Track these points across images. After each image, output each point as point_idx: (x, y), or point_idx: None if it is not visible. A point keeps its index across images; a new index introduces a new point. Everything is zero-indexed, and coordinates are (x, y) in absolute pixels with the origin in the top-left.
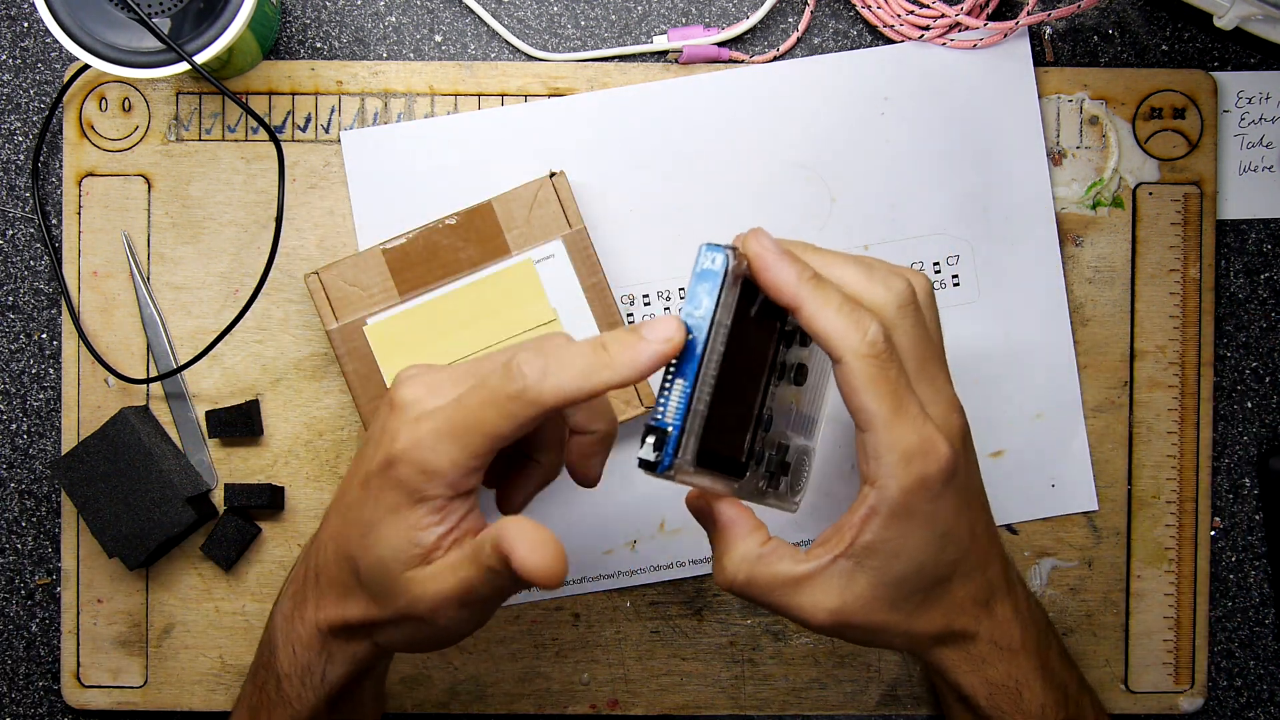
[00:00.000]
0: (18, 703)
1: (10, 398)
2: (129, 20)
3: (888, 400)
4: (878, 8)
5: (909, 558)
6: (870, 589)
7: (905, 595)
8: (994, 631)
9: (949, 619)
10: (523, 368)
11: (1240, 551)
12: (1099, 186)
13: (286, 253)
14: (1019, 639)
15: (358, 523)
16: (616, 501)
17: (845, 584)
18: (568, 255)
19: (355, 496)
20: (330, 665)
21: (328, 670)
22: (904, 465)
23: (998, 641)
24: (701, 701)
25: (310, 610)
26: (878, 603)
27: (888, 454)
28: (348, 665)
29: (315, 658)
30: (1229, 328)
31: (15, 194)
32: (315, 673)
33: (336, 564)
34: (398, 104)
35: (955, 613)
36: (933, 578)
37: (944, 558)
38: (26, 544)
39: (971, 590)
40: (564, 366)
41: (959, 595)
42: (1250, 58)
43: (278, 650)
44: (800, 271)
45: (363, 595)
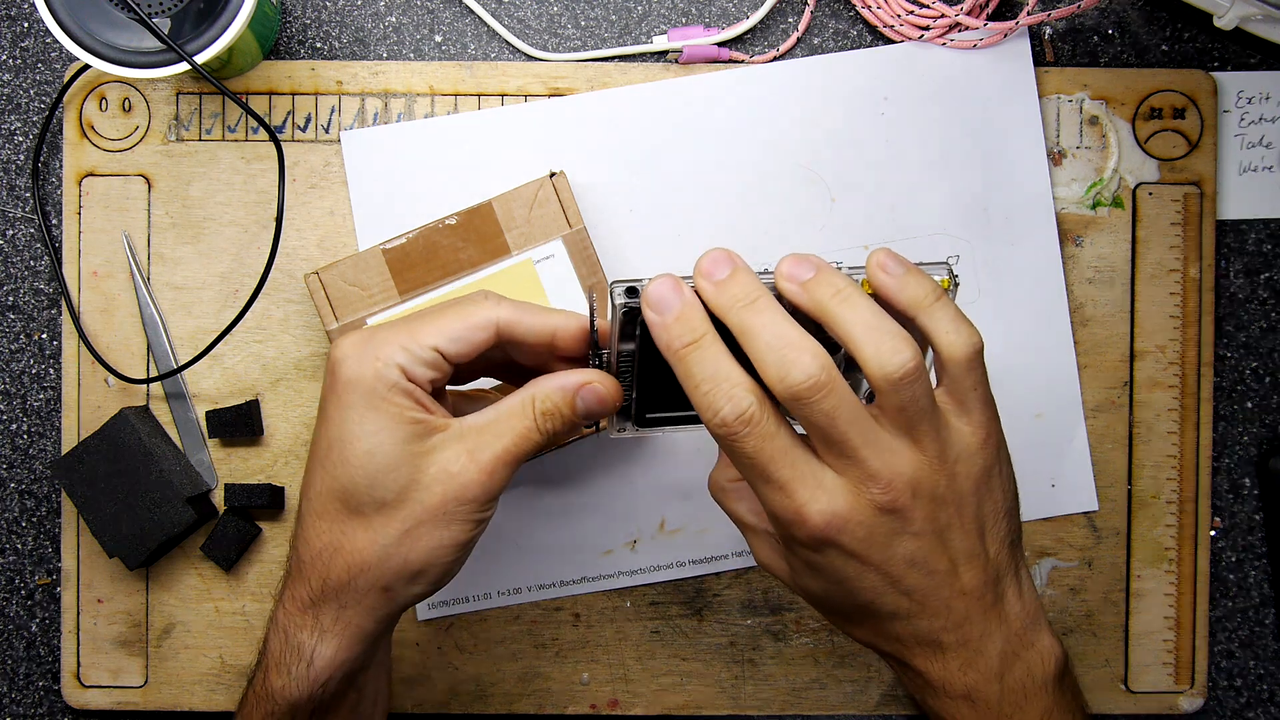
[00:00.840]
0: (18, 703)
1: (10, 398)
2: (129, 20)
3: (746, 471)
4: (878, 8)
5: (804, 582)
6: (790, 573)
7: (818, 601)
8: (930, 671)
9: (874, 639)
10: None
11: (1240, 551)
12: (1099, 186)
13: (286, 253)
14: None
15: (331, 444)
16: (616, 501)
17: (776, 554)
18: (568, 255)
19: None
20: (321, 641)
21: (318, 649)
22: (775, 523)
23: (933, 681)
24: (701, 701)
25: (298, 589)
26: (798, 586)
27: (765, 506)
28: (338, 645)
29: (307, 635)
30: (1229, 328)
31: (15, 194)
32: (305, 654)
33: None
34: (398, 104)
35: (880, 638)
36: (837, 606)
37: (843, 599)
38: (26, 544)
39: (896, 630)
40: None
41: (883, 629)
42: (1250, 58)
43: (268, 641)
44: (672, 340)
45: (365, 523)
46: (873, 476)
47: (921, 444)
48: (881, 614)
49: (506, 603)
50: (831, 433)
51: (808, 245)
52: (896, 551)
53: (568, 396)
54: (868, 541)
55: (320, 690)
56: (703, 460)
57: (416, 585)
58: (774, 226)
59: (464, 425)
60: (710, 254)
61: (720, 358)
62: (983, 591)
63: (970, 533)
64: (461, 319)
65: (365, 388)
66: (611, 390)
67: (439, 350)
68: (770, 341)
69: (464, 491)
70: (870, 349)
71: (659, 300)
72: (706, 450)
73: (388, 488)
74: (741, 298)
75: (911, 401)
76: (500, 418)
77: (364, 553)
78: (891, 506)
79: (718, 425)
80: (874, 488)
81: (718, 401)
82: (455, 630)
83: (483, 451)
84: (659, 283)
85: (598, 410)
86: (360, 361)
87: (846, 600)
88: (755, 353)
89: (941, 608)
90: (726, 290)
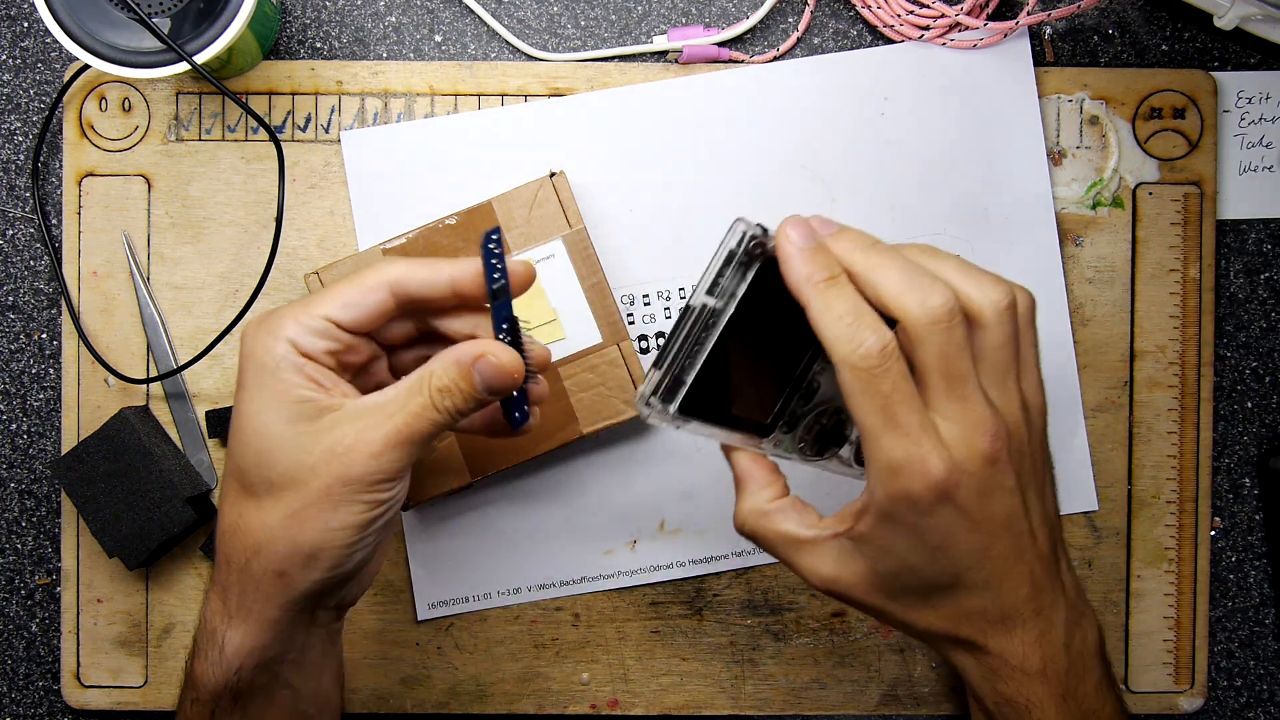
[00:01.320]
0: (18, 703)
1: (10, 398)
2: (129, 20)
3: (875, 413)
4: (878, 8)
5: (898, 558)
6: (866, 573)
7: (900, 589)
8: (1007, 650)
9: (953, 625)
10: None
11: (1240, 551)
12: (1099, 186)
13: (286, 253)
14: (1039, 664)
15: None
16: (616, 501)
17: (843, 560)
18: (568, 255)
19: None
20: (231, 628)
21: (228, 634)
22: (888, 477)
23: (1011, 661)
24: (701, 701)
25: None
26: (872, 587)
27: (873, 463)
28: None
29: (219, 621)
30: (1229, 328)
31: (15, 194)
32: (217, 640)
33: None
34: (398, 104)
35: (960, 620)
36: (927, 583)
37: (939, 568)
38: (26, 544)
39: (982, 605)
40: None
41: (967, 606)
42: (1250, 58)
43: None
44: (813, 272)
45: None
46: (983, 421)
47: (1008, 393)
48: (972, 585)
49: (506, 603)
50: (958, 365)
51: None
52: (997, 509)
53: (464, 369)
54: (977, 495)
55: (235, 677)
56: (703, 459)
57: (313, 571)
58: (774, 226)
59: (359, 404)
60: (814, 217)
61: (858, 296)
62: (1051, 556)
63: (1040, 493)
64: (355, 284)
65: (257, 363)
66: (509, 361)
67: (331, 319)
68: (903, 271)
69: (348, 471)
70: (971, 288)
71: (801, 233)
72: (707, 450)
73: (273, 467)
74: (861, 241)
75: (1005, 342)
76: (395, 396)
77: (255, 534)
78: (995, 456)
79: (862, 357)
80: (984, 435)
81: (862, 332)
82: (455, 630)
83: (372, 431)
84: (796, 218)
85: (497, 382)
86: (255, 337)
87: (939, 573)
88: (888, 285)
89: (1024, 574)
90: (845, 237)
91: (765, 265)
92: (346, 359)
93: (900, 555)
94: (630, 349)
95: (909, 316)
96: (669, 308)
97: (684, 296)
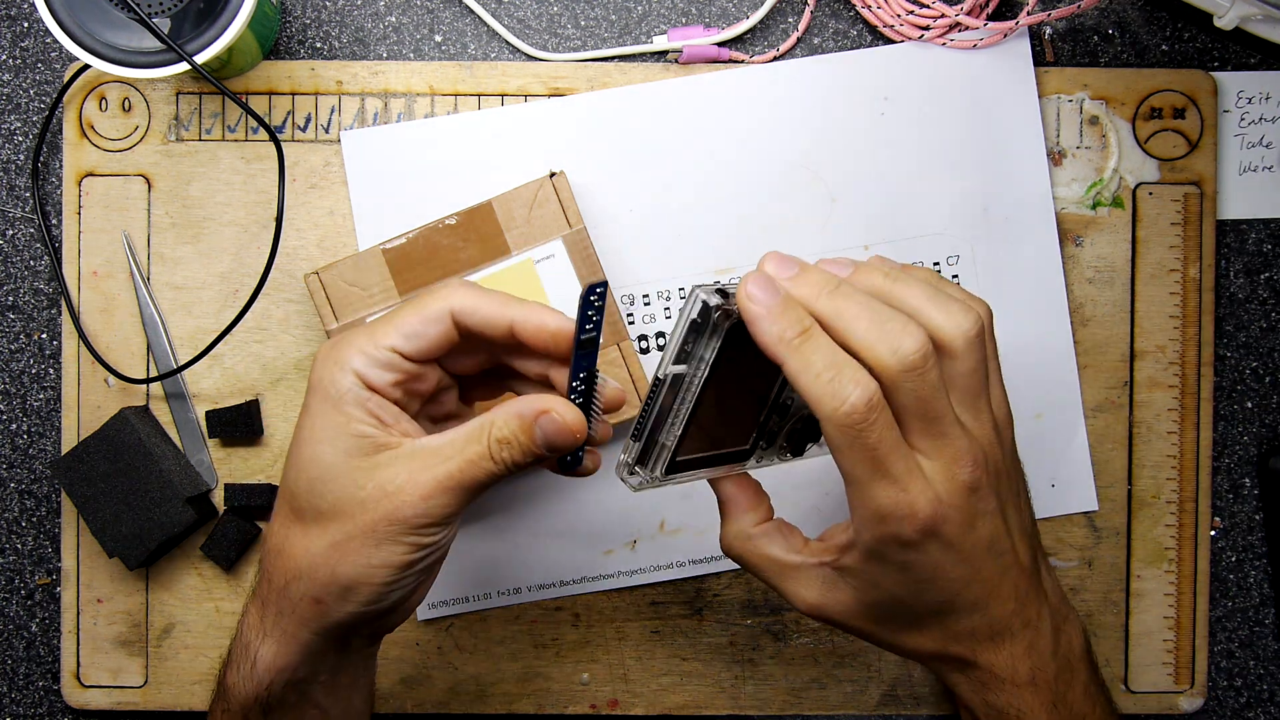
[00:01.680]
0: (18, 703)
1: (10, 398)
2: (129, 20)
3: (863, 465)
4: (878, 8)
5: (886, 591)
6: (852, 601)
7: (887, 618)
8: (996, 663)
9: (942, 644)
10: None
11: (1240, 551)
12: (1099, 186)
13: (286, 253)
14: (1028, 674)
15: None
16: (616, 502)
17: (827, 587)
18: (568, 255)
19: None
20: (265, 643)
21: (260, 650)
22: (875, 523)
23: (1000, 673)
24: (701, 701)
25: (258, 586)
26: (859, 614)
27: (860, 509)
28: (279, 649)
29: (254, 635)
30: (1229, 328)
31: (15, 194)
32: (250, 653)
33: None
34: (398, 104)
35: (950, 640)
36: (916, 612)
37: (928, 599)
38: (26, 544)
39: (971, 625)
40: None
41: (955, 628)
42: (1250, 58)
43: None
44: (784, 330)
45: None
46: (962, 454)
47: (980, 416)
48: (960, 609)
49: (506, 603)
50: (934, 406)
51: (808, 245)
52: (981, 535)
53: (525, 424)
54: (963, 526)
55: (265, 692)
56: None
57: (348, 603)
58: (774, 226)
59: (416, 444)
60: (768, 257)
61: (833, 346)
62: (1033, 566)
63: (1019, 505)
64: (418, 312)
65: (323, 392)
66: (574, 420)
67: (396, 350)
68: (873, 318)
69: (396, 510)
70: (940, 318)
71: (763, 290)
72: None
73: (324, 497)
74: (824, 285)
75: (975, 368)
76: (453, 441)
77: (298, 559)
78: (975, 485)
79: (847, 414)
80: (964, 466)
81: (844, 388)
82: (455, 630)
83: (425, 473)
84: (756, 276)
85: (558, 441)
86: (323, 366)
87: (927, 603)
88: (857, 332)
89: (1010, 590)
90: (805, 282)
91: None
92: (413, 387)
93: (887, 589)
94: (630, 349)
95: (882, 365)
96: (669, 308)
97: (684, 296)
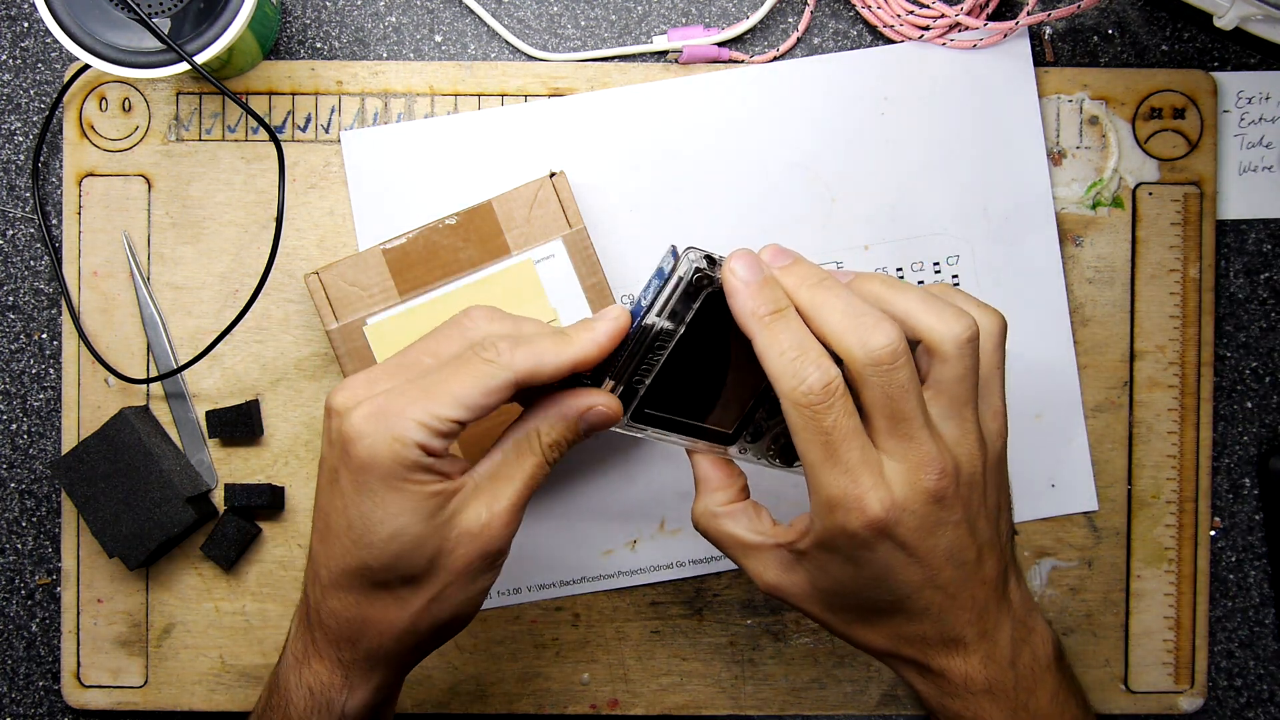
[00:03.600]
0: (18, 703)
1: (10, 398)
2: (129, 20)
3: (816, 449)
4: (878, 8)
5: (836, 581)
6: (806, 585)
7: (840, 607)
8: (951, 670)
9: (894, 645)
10: (497, 344)
11: (1240, 551)
12: (1099, 186)
13: (286, 253)
14: (984, 684)
15: (350, 526)
16: (616, 501)
17: (785, 570)
18: (568, 255)
19: (335, 503)
20: (351, 696)
21: (348, 702)
22: (825, 511)
23: (955, 680)
24: (701, 701)
25: (324, 645)
26: (812, 599)
27: (813, 495)
28: (370, 697)
29: (335, 694)
30: (1229, 328)
31: (15, 194)
32: (335, 710)
33: (340, 585)
34: (398, 104)
35: (902, 642)
36: (866, 605)
37: (877, 594)
38: (26, 544)
39: (923, 630)
40: (533, 345)
41: (907, 630)
42: (1250, 58)
43: (290, 694)
44: (758, 306)
45: (392, 596)
46: (929, 461)
47: (965, 425)
48: (912, 612)
49: (506, 603)
50: (902, 406)
51: (808, 245)
52: (940, 543)
53: (571, 425)
54: (919, 532)
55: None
56: None
57: (446, 635)
58: (774, 226)
59: (476, 478)
60: (768, 248)
61: (804, 329)
62: (998, 580)
63: (990, 519)
64: (478, 383)
65: (384, 470)
66: (615, 409)
67: (457, 420)
68: (847, 311)
69: (487, 547)
70: (930, 320)
71: (747, 267)
72: None
73: (415, 564)
74: (809, 277)
75: (964, 375)
76: (508, 460)
77: (396, 624)
78: (941, 494)
79: (804, 394)
80: (929, 473)
81: (805, 368)
82: None
83: (500, 502)
84: (743, 252)
85: (602, 428)
86: (377, 442)
87: (878, 599)
88: (831, 324)
89: (968, 600)
90: (794, 272)
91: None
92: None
93: (836, 578)
94: None
95: (850, 357)
96: None
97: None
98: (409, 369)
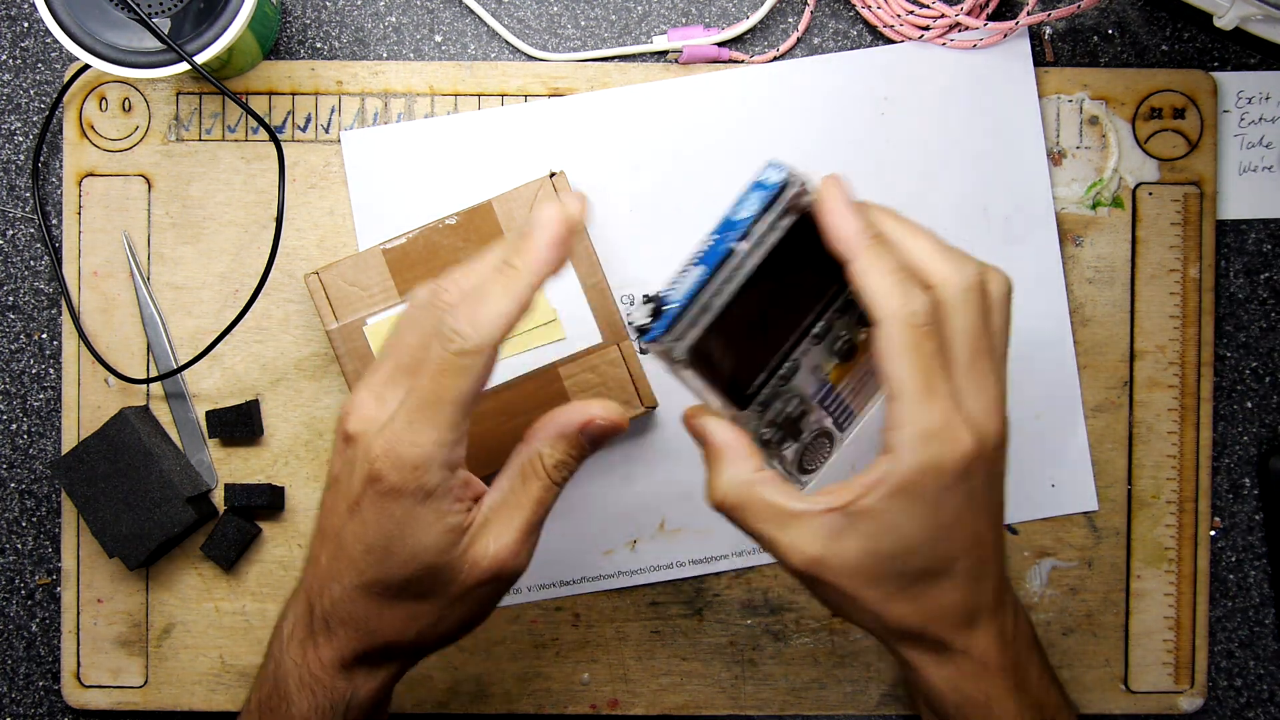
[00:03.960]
0: (18, 703)
1: (10, 398)
2: (129, 20)
3: (919, 374)
4: (878, 8)
5: (902, 536)
6: (855, 553)
7: (888, 574)
8: (971, 648)
9: (925, 620)
10: (455, 327)
11: (1240, 551)
12: (1099, 186)
13: (286, 253)
14: (996, 659)
15: (370, 549)
16: (616, 501)
17: (832, 538)
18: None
19: (351, 527)
20: (356, 694)
21: (352, 700)
22: (921, 442)
23: (975, 656)
24: (701, 701)
25: (328, 650)
26: (858, 571)
27: (908, 426)
28: (374, 691)
29: (340, 693)
30: (1229, 328)
31: (15, 194)
32: (340, 705)
33: (351, 599)
34: (398, 104)
35: (933, 617)
36: (921, 567)
37: (938, 550)
38: (26, 544)
39: (958, 599)
40: (485, 300)
41: (944, 600)
42: (1250, 58)
43: (290, 695)
44: (864, 227)
45: (403, 608)
46: (997, 405)
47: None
48: (957, 575)
49: (507, 603)
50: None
51: None
52: (994, 497)
53: (573, 441)
54: (989, 479)
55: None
56: None
57: (451, 641)
58: None
59: (486, 509)
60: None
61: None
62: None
63: (1003, 487)
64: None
65: (409, 500)
66: (617, 416)
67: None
68: (935, 241)
69: (500, 574)
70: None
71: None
72: None
73: (428, 585)
74: (889, 210)
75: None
76: (514, 488)
77: (404, 633)
78: (1001, 440)
79: (912, 314)
80: (997, 419)
81: (912, 290)
82: None
83: (509, 533)
84: (835, 177)
85: (605, 439)
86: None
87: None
88: (924, 252)
89: (997, 570)
90: (870, 206)
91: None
92: None
93: (904, 533)
94: (630, 349)
95: (947, 283)
96: None
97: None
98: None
